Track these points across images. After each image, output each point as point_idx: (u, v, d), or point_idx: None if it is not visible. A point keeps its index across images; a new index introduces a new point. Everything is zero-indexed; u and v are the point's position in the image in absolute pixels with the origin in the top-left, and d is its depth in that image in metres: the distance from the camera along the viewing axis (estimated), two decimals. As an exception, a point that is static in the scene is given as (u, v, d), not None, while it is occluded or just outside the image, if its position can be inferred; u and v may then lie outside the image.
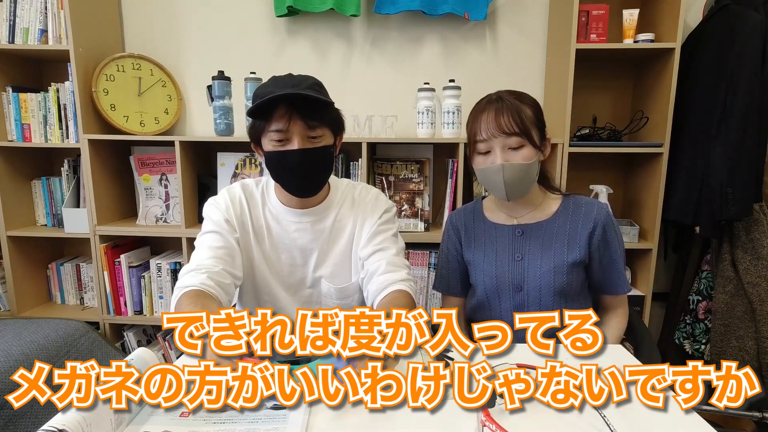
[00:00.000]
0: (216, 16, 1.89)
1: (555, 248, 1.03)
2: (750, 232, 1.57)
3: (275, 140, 0.91)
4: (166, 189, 1.83)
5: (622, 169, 1.91)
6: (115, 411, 0.56)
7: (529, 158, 0.96)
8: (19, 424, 1.24)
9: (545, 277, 1.02)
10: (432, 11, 1.77)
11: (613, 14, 1.68)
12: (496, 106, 0.97)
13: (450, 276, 1.17)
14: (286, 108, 0.88)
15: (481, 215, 1.13)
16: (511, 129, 0.94)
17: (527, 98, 1.01)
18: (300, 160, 0.91)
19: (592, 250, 1.02)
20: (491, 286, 1.07)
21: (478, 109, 1.01)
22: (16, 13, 1.68)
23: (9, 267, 1.80)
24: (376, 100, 1.89)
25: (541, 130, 0.99)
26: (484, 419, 0.54)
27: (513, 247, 1.06)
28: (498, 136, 0.95)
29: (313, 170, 0.95)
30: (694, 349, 1.69)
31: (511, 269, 1.05)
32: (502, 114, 0.95)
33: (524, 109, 0.96)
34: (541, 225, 1.05)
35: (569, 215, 1.05)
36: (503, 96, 0.99)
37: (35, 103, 1.75)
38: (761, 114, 1.47)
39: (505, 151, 0.96)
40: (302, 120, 0.89)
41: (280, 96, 0.86)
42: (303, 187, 0.97)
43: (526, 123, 0.95)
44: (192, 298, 0.83)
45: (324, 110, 0.92)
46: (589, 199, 1.07)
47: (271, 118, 0.89)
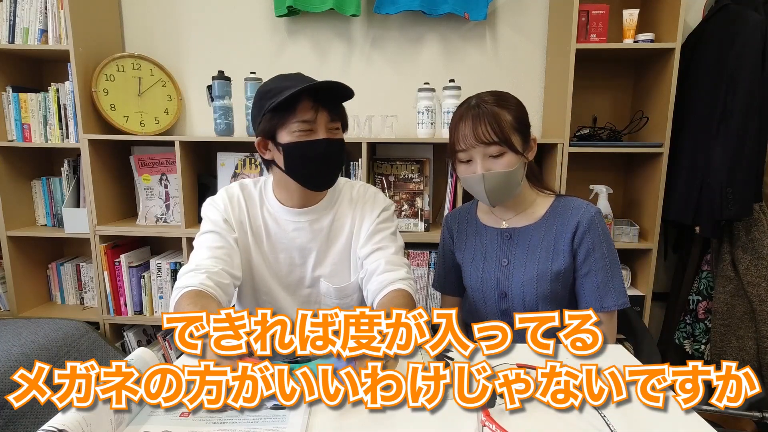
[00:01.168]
0: (216, 16, 1.89)
1: (539, 254, 1.00)
2: (750, 232, 1.57)
3: (300, 131, 0.91)
4: (166, 189, 1.83)
5: (622, 169, 1.91)
6: (115, 411, 0.56)
7: (511, 165, 0.93)
8: (19, 424, 1.24)
9: (528, 284, 0.99)
10: (432, 11, 1.77)
11: (613, 14, 1.68)
12: (473, 113, 0.94)
13: (446, 276, 1.18)
14: (312, 99, 0.90)
15: (474, 217, 1.12)
16: (490, 138, 0.91)
17: (509, 101, 0.97)
18: (325, 150, 0.93)
19: (575, 257, 0.98)
20: (478, 289, 1.07)
21: (457, 116, 0.97)
22: (16, 13, 1.68)
23: (9, 267, 1.80)
24: (376, 100, 1.89)
25: (523, 133, 0.96)
26: (484, 419, 0.54)
27: (500, 251, 1.05)
28: (477, 146, 0.93)
29: (334, 161, 0.97)
30: (694, 349, 1.69)
31: (497, 274, 1.04)
32: (480, 122, 0.92)
33: (503, 115, 0.93)
34: (528, 229, 1.03)
35: (556, 219, 1.01)
36: (483, 101, 0.95)
37: (35, 103, 1.75)
38: (761, 114, 1.47)
39: (485, 159, 0.94)
40: (328, 111, 0.92)
41: (311, 88, 0.88)
42: (323, 179, 0.98)
43: (505, 130, 0.92)
44: (191, 298, 0.83)
45: (341, 105, 0.96)
46: (578, 201, 1.02)
47: (296, 109, 0.90)
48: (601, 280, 0.97)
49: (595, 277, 0.97)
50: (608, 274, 0.97)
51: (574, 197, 1.04)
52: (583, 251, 0.97)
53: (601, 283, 0.97)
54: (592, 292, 0.98)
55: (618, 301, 0.97)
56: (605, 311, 0.97)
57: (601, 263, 0.97)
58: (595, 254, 0.97)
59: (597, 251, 0.97)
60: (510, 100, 0.97)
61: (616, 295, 0.97)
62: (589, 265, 0.97)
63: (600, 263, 0.97)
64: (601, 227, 0.98)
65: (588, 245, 0.97)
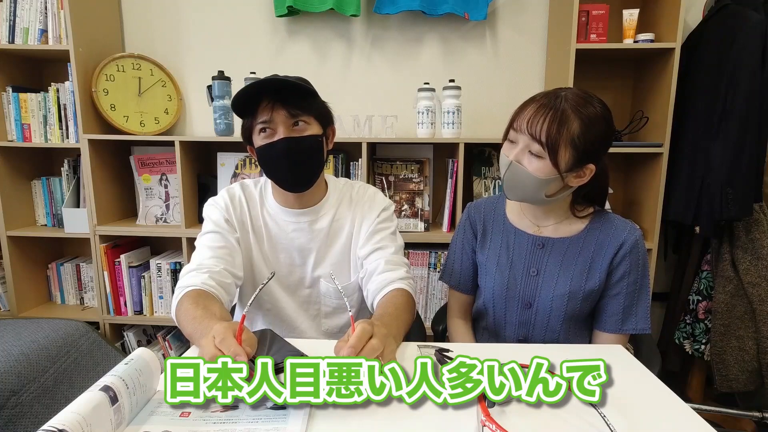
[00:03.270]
0: (216, 16, 1.89)
1: (574, 272, 0.94)
2: (750, 232, 1.57)
3: (262, 131, 0.92)
4: (166, 189, 1.83)
5: (622, 169, 1.91)
6: (115, 411, 0.56)
7: (541, 173, 0.85)
8: (19, 424, 1.24)
9: (558, 300, 0.95)
10: (432, 11, 1.77)
11: (613, 14, 1.68)
12: (544, 101, 0.85)
13: (462, 273, 1.09)
14: (269, 99, 0.90)
15: (503, 214, 1.04)
16: (538, 136, 0.83)
17: (589, 110, 0.84)
18: (285, 149, 0.91)
19: (609, 276, 0.94)
20: (500, 295, 1.00)
21: (533, 97, 0.89)
22: (16, 13, 1.68)
23: (9, 267, 1.80)
24: (376, 100, 1.89)
25: (580, 154, 0.84)
26: (484, 419, 0.54)
27: (530, 259, 0.98)
28: (525, 133, 0.85)
29: (299, 159, 0.94)
30: (694, 349, 1.69)
31: (523, 283, 0.98)
32: (543, 114, 0.83)
33: (570, 122, 0.82)
34: (564, 242, 0.96)
35: (596, 236, 0.95)
36: (563, 95, 0.85)
37: (35, 103, 1.75)
38: (761, 114, 1.47)
39: (524, 151, 0.87)
40: (285, 109, 0.90)
41: (261, 88, 0.88)
42: (292, 179, 0.96)
43: (559, 138, 0.82)
44: (194, 298, 0.83)
45: (307, 99, 0.93)
46: (621, 220, 0.96)
47: (257, 112, 0.91)
48: (627, 304, 0.94)
49: (622, 300, 0.94)
50: (635, 298, 0.95)
51: (615, 214, 0.99)
52: (619, 272, 0.94)
53: (627, 306, 0.94)
54: (615, 314, 0.95)
55: (638, 326, 0.95)
56: (621, 333, 0.95)
57: (632, 287, 0.94)
58: (629, 278, 0.94)
59: (632, 275, 0.94)
60: (593, 110, 0.84)
61: (637, 320, 0.95)
62: (620, 287, 0.94)
63: (631, 287, 0.94)
64: (642, 252, 0.94)
65: (625, 267, 0.93)
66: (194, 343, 0.78)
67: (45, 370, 1.39)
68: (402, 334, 0.84)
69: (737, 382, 1.59)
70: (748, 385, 1.59)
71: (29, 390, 1.31)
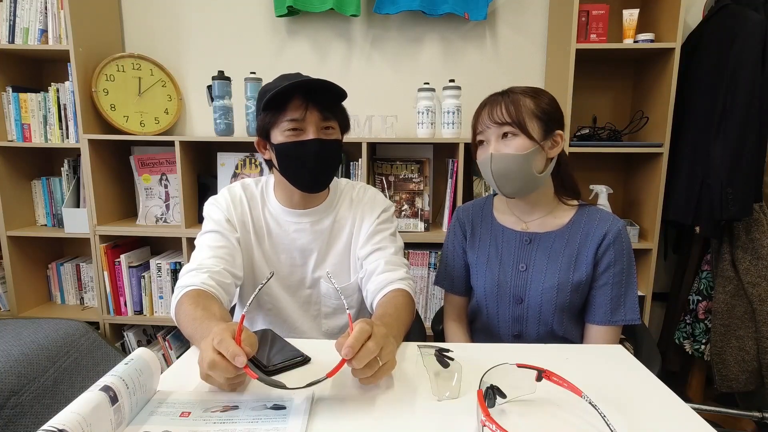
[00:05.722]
0: (216, 16, 1.89)
1: (561, 264, 0.97)
2: (750, 232, 1.57)
3: (289, 130, 0.90)
4: (166, 189, 1.83)
5: (622, 169, 1.91)
6: (115, 411, 0.56)
7: (522, 149, 0.90)
8: (19, 424, 1.24)
9: (547, 293, 0.97)
10: (432, 11, 1.77)
11: (613, 14, 1.68)
12: (494, 97, 0.95)
13: (455, 275, 1.12)
14: (303, 98, 0.89)
15: (490, 214, 1.08)
16: (503, 118, 0.91)
17: (539, 93, 0.95)
18: (315, 151, 0.91)
19: (595, 268, 0.96)
20: (492, 293, 1.03)
21: (482, 102, 0.98)
22: (16, 13, 1.68)
23: (9, 267, 1.80)
24: (376, 100, 1.89)
25: (545, 123, 0.92)
26: (484, 419, 0.54)
27: (518, 255, 1.01)
28: (491, 126, 0.93)
29: (325, 163, 0.95)
30: (694, 349, 1.69)
31: (513, 279, 1.01)
32: (498, 105, 0.92)
33: (524, 101, 0.92)
34: (550, 236, 1.00)
35: (581, 228, 0.98)
36: (511, 90, 0.95)
37: (35, 103, 1.75)
38: (761, 114, 1.47)
39: (498, 141, 0.93)
40: (318, 110, 0.90)
41: (298, 85, 0.87)
42: (313, 181, 0.96)
43: (521, 113, 0.91)
44: (193, 298, 0.83)
45: (337, 103, 0.95)
46: (605, 212, 0.99)
47: (286, 108, 0.90)
48: (616, 295, 0.96)
49: (610, 290, 0.96)
50: (623, 289, 0.96)
51: (598, 207, 1.02)
52: (604, 263, 0.96)
53: (615, 297, 0.96)
54: (604, 305, 0.97)
55: (627, 317, 0.96)
56: (612, 325, 0.97)
57: (619, 278, 0.96)
58: (615, 268, 0.96)
59: (617, 265, 0.96)
60: (541, 93, 0.95)
61: (627, 311, 0.96)
62: (607, 278, 0.96)
63: (618, 278, 0.96)
64: (626, 242, 0.97)
65: (610, 258, 0.95)
66: (194, 344, 0.78)
67: (45, 370, 1.39)
68: (402, 335, 0.84)
69: (737, 382, 1.59)
70: (748, 385, 1.59)
71: (29, 390, 1.31)
